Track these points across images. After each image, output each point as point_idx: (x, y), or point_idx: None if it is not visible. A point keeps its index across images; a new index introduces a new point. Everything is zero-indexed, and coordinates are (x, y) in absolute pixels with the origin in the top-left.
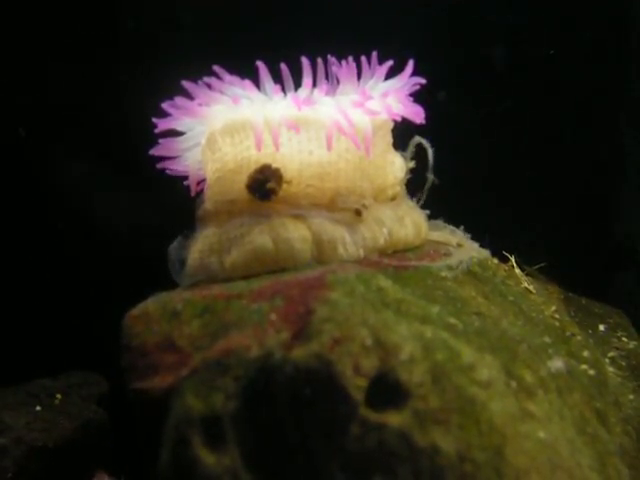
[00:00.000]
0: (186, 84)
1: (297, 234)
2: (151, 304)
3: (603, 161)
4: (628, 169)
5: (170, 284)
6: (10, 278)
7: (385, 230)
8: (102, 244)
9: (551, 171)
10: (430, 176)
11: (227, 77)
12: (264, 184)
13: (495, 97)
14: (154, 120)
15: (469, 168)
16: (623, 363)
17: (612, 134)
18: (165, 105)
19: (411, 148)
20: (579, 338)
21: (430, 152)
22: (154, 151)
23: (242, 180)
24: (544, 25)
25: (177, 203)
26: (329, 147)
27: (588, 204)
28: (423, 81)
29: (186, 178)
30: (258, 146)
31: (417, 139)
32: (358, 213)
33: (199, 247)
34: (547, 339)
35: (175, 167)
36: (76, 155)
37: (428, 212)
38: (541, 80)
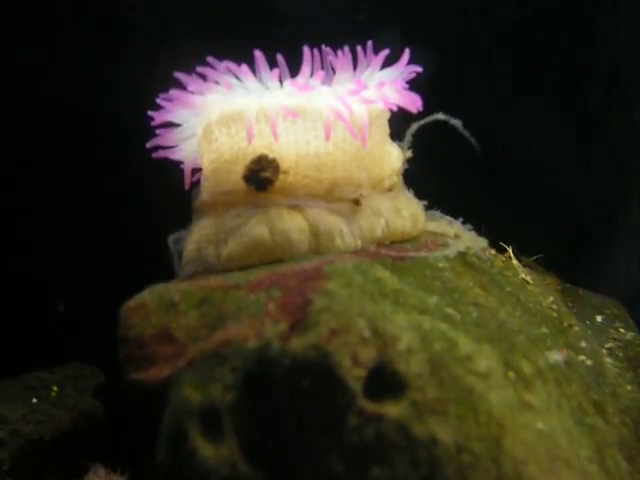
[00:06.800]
0: (179, 75)
1: (294, 225)
2: (148, 295)
3: (604, 152)
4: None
5: (167, 275)
6: (6, 272)
7: (382, 221)
8: (98, 237)
9: (550, 162)
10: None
11: (222, 65)
12: (260, 174)
13: (495, 90)
14: (150, 113)
15: (467, 159)
16: (621, 354)
17: (613, 126)
18: (160, 99)
19: (408, 138)
20: (577, 329)
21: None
22: (151, 143)
23: (239, 171)
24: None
25: (174, 194)
26: (327, 137)
27: (588, 196)
28: (419, 69)
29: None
30: (249, 138)
31: (414, 128)
32: (357, 202)
33: (196, 238)
34: (545, 330)
35: (172, 156)
36: (72, 150)
37: (425, 203)
38: (540, 74)
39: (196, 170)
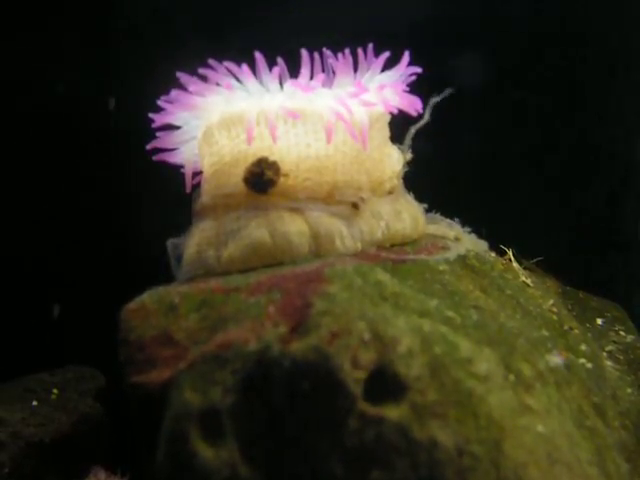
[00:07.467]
0: (180, 75)
1: (294, 227)
2: (148, 298)
3: (604, 152)
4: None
5: (167, 278)
6: (7, 274)
7: (383, 223)
8: (98, 239)
9: (550, 163)
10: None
11: (223, 67)
12: (261, 177)
13: (494, 90)
14: (151, 116)
15: (466, 160)
16: (621, 357)
17: (613, 124)
18: (161, 101)
19: (408, 141)
20: (577, 332)
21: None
22: (151, 145)
23: (239, 173)
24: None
25: (175, 197)
26: (328, 139)
27: (588, 198)
28: (419, 70)
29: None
30: (249, 140)
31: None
32: (355, 206)
33: (196, 241)
34: (545, 333)
35: (173, 159)
36: (72, 152)
37: (425, 205)
38: (539, 73)
39: (196, 173)
